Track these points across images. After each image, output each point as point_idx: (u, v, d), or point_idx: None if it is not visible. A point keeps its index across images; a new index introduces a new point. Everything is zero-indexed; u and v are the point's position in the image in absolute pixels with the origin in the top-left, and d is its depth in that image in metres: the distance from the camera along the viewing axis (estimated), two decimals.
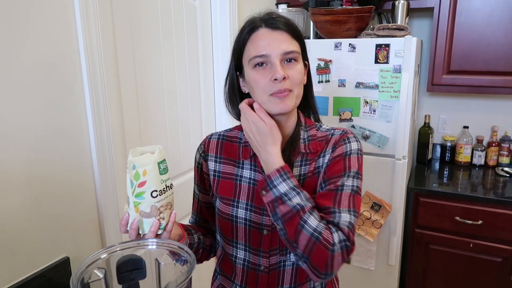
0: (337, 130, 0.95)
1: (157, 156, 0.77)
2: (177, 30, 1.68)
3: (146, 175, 0.75)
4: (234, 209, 0.94)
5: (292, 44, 0.86)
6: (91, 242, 1.29)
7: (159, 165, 0.77)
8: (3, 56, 0.98)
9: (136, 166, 0.75)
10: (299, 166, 0.92)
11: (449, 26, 2.06)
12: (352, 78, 1.96)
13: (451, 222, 2.00)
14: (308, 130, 0.95)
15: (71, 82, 1.17)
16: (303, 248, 0.79)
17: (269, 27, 0.86)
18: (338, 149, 0.90)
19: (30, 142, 1.06)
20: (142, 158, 0.76)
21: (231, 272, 1.00)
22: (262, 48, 0.84)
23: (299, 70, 0.87)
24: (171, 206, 0.82)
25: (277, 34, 0.85)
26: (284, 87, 0.84)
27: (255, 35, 0.86)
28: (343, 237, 0.80)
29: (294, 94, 0.87)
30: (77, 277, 0.58)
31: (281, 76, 0.82)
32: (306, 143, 0.93)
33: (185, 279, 0.56)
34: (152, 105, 1.58)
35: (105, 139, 1.28)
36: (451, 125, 2.47)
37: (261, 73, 0.85)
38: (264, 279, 0.94)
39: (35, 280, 1.09)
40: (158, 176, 0.77)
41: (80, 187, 1.23)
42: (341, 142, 0.91)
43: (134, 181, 0.76)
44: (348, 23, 1.94)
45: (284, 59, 0.85)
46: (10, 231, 1.04)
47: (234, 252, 0.98)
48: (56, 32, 1.11)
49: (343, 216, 0.82)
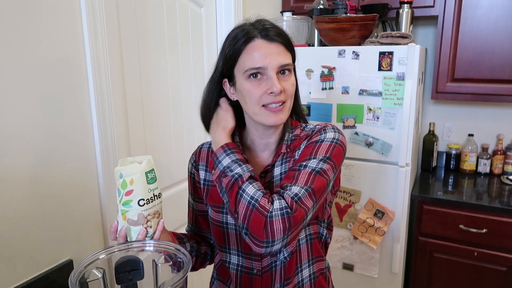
0: (319, 125, 0.95)
1: (144, 166, 0.78)
2: (183, 37, 1.71)
3: (133, 184, 0.77)
4: (224, 216, 0.95)
5: (287, 56, 0.87)
6: (94, 245, 1.30)
7: (147, 174, 0.79)
8: (10, 61, 1.01)
9: (123, 175, 0.77)
10: (280, 165, 0.93)
11: (453, 34, 2.07)
12: (356, 85, 1.97)
13: (456, 230, 1.98)
14: (293, 131, 0.96)
15: (77, 87, 1.19)
16: (242, 217, 0.78)
17: (265, 38, 0.85)
18: (313, 139, 0.90)
19: (35, 145, 1.09)
20: (130, 168, 0.77)
21: (227, 278, 1.01)
22: (258, 60, 0.84)
23: (293, 82, 0.88)
24: (159, 214, 0.83)
25: (274, 47, 0.85)
26: (279, 99, 0.85)
27: (251, 46, 0.85)
28: (284, 205, 0.77)
29: (287, 107, 0.88)
30: (76, 276, 0.60)
31: (278, 90, 0.83)
32: (288, 143, 0.94)
33: (180, 279, 0.58)
34: (157, 111, 1.60)
35: (109, 144, 1.30)
36: (456, 133, 2.46)
37: (256, 84, 0.85)
38: (258, 282, 0.95)
39: (39, 281, 1.11)
40: (145, 186, 0.78)
41: (84, 191, 1.25)
42: (317, 133, 0.91)
43: (121, 189, 0.78)
44: (352, 31, 1.95)
45: (279, 71, 0.86)
46: (15, 233, 1.06)
47: (227, 258, 0.99)
48: (64, 39, 1.14)
49: (292, 189, 0.80)
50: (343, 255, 2.18)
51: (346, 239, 2.14)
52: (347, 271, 2.19)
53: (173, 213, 1.59)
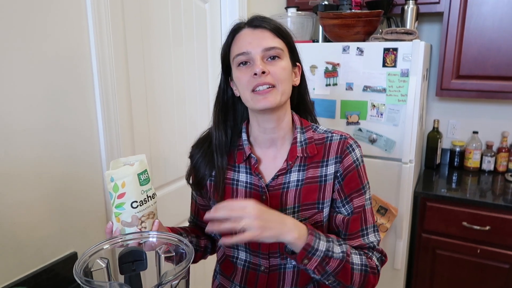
0: (335, 134, 0.94)
1: (136, 168, 0.77)
2: (187, 33, 1.71)
3: (125, 187, 0.76)
4: None
5: (274, 40, 0.86)
6: (98, 238, 1.32)
7: (139, 176, 0.78)
8: (17, 57, 1.02)
9: (114, 178, 0.76)
10: (297, 171, 0.91)
11: (458, 30, 2.06)
12: (360, 82, 1.97)
13: (459, 228, 1.98)
14: (305, 132, 0.95)
15: (82, 82, 1.20)
16: (359, 285, 0.86)
17: (249, 26, 0.88)
18: (346, 160, 0.90)
19: (41, 140, 1.10)
20: (121, 171, 0.77)
21: (231, 273, 1.01)
22: (243, 46, 0.86)
23: (283, 67, 0.86)
24: (154, 215, 0.83)
25: (258, 32, 0.86)
26: (264, 81, 0.84)
27: (238, 35, 0.88)
28: (379, 255, 0.92)
29: (278, 91, 0.86)
30: (80, 265, 0.61)
31: (259, 70, 0.82)
32: (303, 146, 0.93)
33: (183, 269, 0.58)
34: (161, 106, 1.61)
35: (114, 138, 1.31)
36: (460, 130, 2.46)
37: (243, 71, 0.86)
38: (263, 279, 0.95)
39: (43, 273, 1.12)
40: (138, 187, 0.78)
41: (89, 185, 1.26)
42: (346, 150, 0.91)
43: (113, 193, 0.77)
44: (356, 27, 1.95)
45: (266, 55, 0.85)
46: (21, 225, 1.07)
47: (235, 253, 0.99)
48: (69, 35, 1.15)
49: (370, 237, 0.92)
50: None
51: None
52: None
53: (176, 208, 1.60)
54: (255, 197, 0.92)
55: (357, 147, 0.93)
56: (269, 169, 0.94)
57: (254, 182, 0.93)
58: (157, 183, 1.60)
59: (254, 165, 0.93)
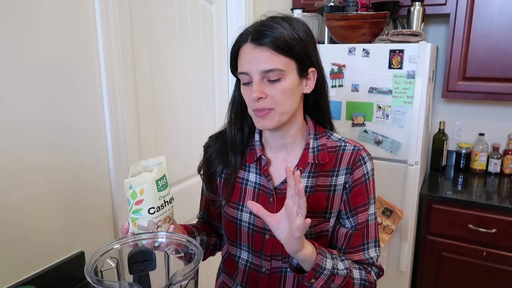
0: (349, 144, 0.92)
1: (155, 174, 0.78)
2: (193, 34, 1.72)
3: (143, 194, 0.77)
4: (239, 213, 0.95)
5: (274, 61, 0.80)
6: (105, 238, 1.33)
7: (157, 182, 0.78)
8: (25, 59, 1.03)
9: (132, 186, 0.77)
10: (306, 177, 0.91)
11: (465, 32, 2.05)
12: (365, 83, 1.97)
13: (464, 230, 1.98)
14: (318, 139, 0.93)
15: (90, 83, 1.21)
16: None
17: (253, 42, 0.82)
18: (356, 172, 0.90)
19: (50, 142, 1.11)
20: (139, 178, 0.77)
21: (233, 271, 1.01)
22: (243, 65, 0.83)
23: (283, 88, 0.82)
24: (170, 219, 0.83)
25: (258, 51, 0.81)
26: (261, 106, 0.82)
27: (241, 50, 0.85)
28: (377, 270, 0.93)
29: (277, 112, 0.84)
30: (91, 264, 0.61)
31: (255, 97, 0.81)
32: (315, 153, 0.91)
33: (191, 270, 0.59)
34: (168, 107, 1.62)
35: (121, 141, 1.32)
36: (466, 132, 2.45)
37: (246, 89, 0.85)
38: (264, 281, 0.95)
39: (51, 272, 1.13)
40: (155, 194, 0.78)
41: (96, 186, 1.27)
42: (357, 162, 0.90)
43: (131, 199, 0.77)
44: (362, 28, 1.95)
45: (265, 77, 0.82)
46: (29, 225, 1.08)
47: (237, 252, 0.99)
48: (78, 37, 1.15)
49: (371, 252, 0.92)
50: None
51: None
52: None
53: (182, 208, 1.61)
54: (262, 198, 0.92)
55: (369, 160, 0.92)
56: (278, 172, 0.94)
57: (263, 183, 0.93)
58: None
59: (264, 167, 0.93)
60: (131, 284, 0.55)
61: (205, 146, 1.04)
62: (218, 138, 1.01)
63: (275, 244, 0.92)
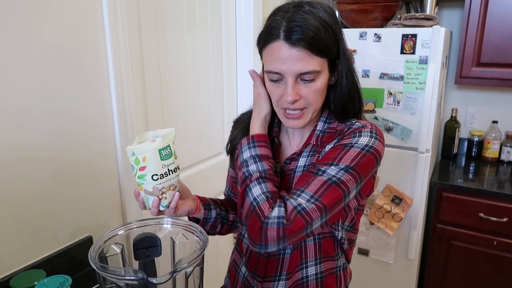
0: (360, 122, 0.87)
1: (158, 144, 0.80)
2: (201, 21, 1.69)
3: (146, 161, 0.79)
4: None
5: (309, 63, 0.77)
6: (113, 223, 1.33)
7: (161, 151, 0.80)
8: (31, 42, 1.02)
9: (135, 153, 0.79)
10: (306, 156, 0.90)
11: (480, 16, 1.99)
12: (376, 69, 1.92)
13: (475, 219, 1.95)
14: (330, 123, 0.91)
15: (97, 69, 1.20)
16: (244, 215, 0.79)
17: (287, 41, 0.77)
18: (344, 140, 0.84)
19: (57, 126, 1.10)
20: (141, 146, 0.79)
21: (242, 250, 1.02)
22: (276, 65, 0.79)
23: (316, 89, 0.81)
24: (175, 187, 0.85)
25: (295, 52, 0.77)
26: (295, 107, 0.82)
27: (272, 46, 0.79)
28: (282, 214, 0.74)
29: (309, 113, 0.84)
30: (95, 250, 0.61)
31: (291, 100, 0.80)
32: (319, 134, 0.90)
33: (197, 257, 0.58)
34: (175, 93, 1.60)
35: (128, 125, 1.31)
36: (479, 120, 2.40)
37: (275, 86, 0.83)
38: (263, 263, 0.95)
39: (59, 256, 1.14)
40: (158, 162, 0.80)
41: (104, 171, 1.27)
42: (351, 134, 0.84)
43: (134, 165, 0.80)
44: (374, 12, 1.90)
45: (300, 77, 0.80)
46: (37, 209, 1.09)
47: (243, 231, 1.00)
48: (83, 19, 1.14)
49: (299, 198, 0.76)
50: (358, 240, 2.17)
51: (362, 225, 2.13)
52: (362, 256, 2.19)
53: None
54: None
55: (368, 136, 0.82)
56: (285, 153, 0.95)
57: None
58: None
59: (274, 149, 0.93)
60: (135, 271, 0.54)
61: (235, 121, 1.05)
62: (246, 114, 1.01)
63: None
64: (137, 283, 0.55)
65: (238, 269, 1.04)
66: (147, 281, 0.53)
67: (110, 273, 0.55)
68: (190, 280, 0.59)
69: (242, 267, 1.02)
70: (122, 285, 0.55)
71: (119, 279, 0.55)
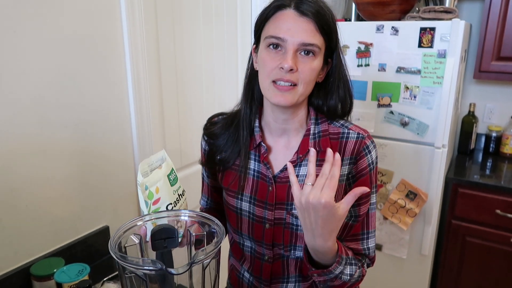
0: (352, 130, 0.87)
1: (165, 170, 0.78)
2: (217, 13, 1.69)
3: (159, 192, 0.77)
4: (238, 202, 0.93)
5: (315, 37, 0.78)
6: (129, 213, 1.36)
7: (169, 177, 0.78)
8: (50, 36, 1.03)
9: (148, 186, 0.76)
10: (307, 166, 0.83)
11: (502, 9, 1.94)
12: (393, 63, 1.90)
13: (491, 215, 1.92)
14: (320, 124, 0.89)
15: (114, 62, 1.21)
16: None
17: (297, 10, 0.77)
18: (360, 163, 0.86)
19: (75, 118, 1.13)
20: (152, 177, 0.76)
21: (240, 257, 1.00)
22: (281, 30, 0.77)
23: (313, 67, 0.79)
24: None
25: (302, 21, 0.77)
26: (289, 78, 0.78)
27: (280, 13, 0.79)
28: (369, 262, 0.92)
29: (298, 91, 0.80)
30: (115, 240, 0.62)
31: (288, 67, 0.76)
32: (316, 139, 0.87)
33: (213, 249, 0.59)
34: (190, 85, 1.61)
35: (145, 118, 1.33)
36: (498, 115, 2.35)
37: (272, 55, 0.79)
38: (268, 268, 0.94)
39: (78, 245, 1.17)
40: (169, 189, 0.78)
41: (120, 162, 1.29)
42: (362, 152, 0.86)
43: (148, 200, 0.77)
44: (392, 5, 1.87)
45: (301, 49, 0.78)
46: (57, 199, 1.11)
47: (241, 240, 0.97)
48: (101, 14, 1.15)
49: (369, 242, 0.91)
50: None
51: (376, 219, 2.12)
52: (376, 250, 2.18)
53: None
54: (261, 186, 0.89)
55: (373, 149, 0.87)
56: (278, 159, 0.90)
57: (262, 171, 0.90)
58: (186, 161, 1.62)
59: (264, 154, 0.89)
60: (154, 261, 0.56)
61: (209, 124, 1.00)
62: (225, 122, 0.96)
63: (276, 233, 0.90)
64: (155, 273, 0.56)
65: (240, 275, 1.02)
66: (166, 271, 0.55)
67: (130, 263, 0.57)
68: (206, 271, 0.60)
69: (244, 273, 1.00)
70: (141, 274, 0.57)
71: (138, 269, 0.56)
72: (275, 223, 0.89)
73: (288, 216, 0.88)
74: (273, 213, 0.88)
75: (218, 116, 1.01)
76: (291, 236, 0.89)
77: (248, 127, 0.91)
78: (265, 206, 0.89)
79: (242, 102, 0.94)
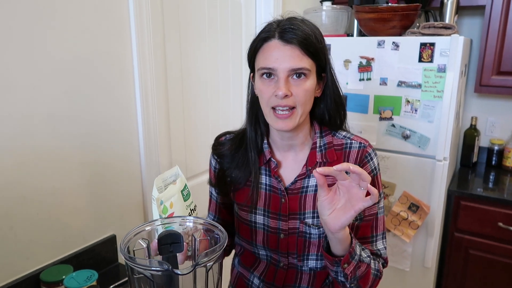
0: (354, 140, 0.94)
1: (179, 185, 0.81)
2: (222, 25, 1.75)
3: (173, 207, 0.80)
4: (252, 215, 0.97)
5: (302, 61, 0.82)
6: (135, 222, 1.38)
7: (182, 192, 0.82)
8: (61, 45, 1.09)
9: (163, 201, 0.79)
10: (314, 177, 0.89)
11: (501, 24, 1.99)
12: (394, 77, 1.94)
13: (494, 228, 1.93)
14: (324, 137, 0.94)
15: (123, 76, 1.26)
16: (369, 286, 0.90)
17: (281, 39, 0.82)
18: (364, 169, 0.87)
19: (83, 129, 1.17)
20: (167, 192, 0.80)
21: (252, 264, 1.03)
22: (270, 61, 0.82)
23: (307, 88, 0.84)
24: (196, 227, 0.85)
25: (288, 49, 0.81)
26: (286, 103, 0.82)
27: (267, 45, 0.84)
28: (383, 261, 0.96)
29: (298, 113, 0.85)
30: (125, 243, 0.66)
31: (282, 94, 0.81)
32: (322, 151, 0.93)
33: (217, 253, 0.62)
34: (196, 98, 1.66)
35: (151, 130, 1.37)
36: (500, 128, 2.37)
37: (266, 84, 0.84)
38: (282, 274, 0.97)
39: (85, 253, 1.20)
40: (183, 204, 0.82)
41: (127, 174, 1.33)
42: (364, 159, 0.92)
43: (162, 215, 0.80)
44: (392, 21, 1.92)
45: (291, 74, 0.82)
46: (65, 208, 1.15)
47: (256, 250, 1.01)
48: (110, 27, 1.20)
49: (379, 243, 0.96)
50: None
51: None
52: None
53: None
54: (274, 199, 0.94)
55: (375, 156, 0.94)
56: (288, 172, 0.95)
57: (274, 184, 0.94)
58: (191, 173, 1.66)
59: (274, 169, 0.94)
60: (160, 262, 0.59)
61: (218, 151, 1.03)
62: (233, 143, 1.00)
63: (290, 242, 0.94)
64: (161, 274, 0.59)
65: (249, 282, 1.05)
66: (171, 272, 0.58)
67: (138, 264, 0.60)
68: (210, 274, 0.64)
69: (254, 280, 1.03)
70: (148, 275, 0.60)
71: (145, 270, 0.60)
72: (290, 232, 0.94)
73: (302, 225, 0.92)
74: (287, 223, 0.93)
75: (225, 135, 1.05)
76: (304, 245, 0.93)
77: (255, 148, 0.96)
78: (279, 217, 0.94)
79: (247, 125, 0.99)
